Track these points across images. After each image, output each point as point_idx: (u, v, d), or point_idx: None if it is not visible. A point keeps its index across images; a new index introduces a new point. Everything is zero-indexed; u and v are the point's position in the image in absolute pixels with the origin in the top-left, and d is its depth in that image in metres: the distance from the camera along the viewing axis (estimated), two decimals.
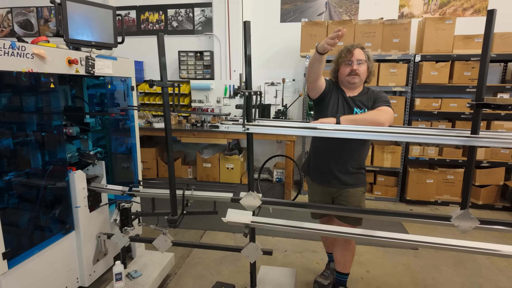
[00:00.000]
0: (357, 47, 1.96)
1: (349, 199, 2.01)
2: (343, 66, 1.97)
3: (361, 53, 1.95)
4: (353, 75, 1.94)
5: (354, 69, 1.93)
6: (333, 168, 2.00)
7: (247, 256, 1.88)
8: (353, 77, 1.95)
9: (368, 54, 1.98)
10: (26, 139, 1.89)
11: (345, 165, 1.99)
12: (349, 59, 1.94)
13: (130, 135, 2.59)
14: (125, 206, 2.01)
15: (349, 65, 1.95)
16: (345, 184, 2.00)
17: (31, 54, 1.64)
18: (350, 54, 1.93)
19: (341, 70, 1.99)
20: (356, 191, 2.02)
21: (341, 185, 2.01)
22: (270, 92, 4.44)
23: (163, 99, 1.73)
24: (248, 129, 1.60)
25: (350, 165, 1.99)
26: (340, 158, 1.98)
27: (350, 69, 1.94)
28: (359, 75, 1.94)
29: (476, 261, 2.66)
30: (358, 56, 1.93)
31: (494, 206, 3.88)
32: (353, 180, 2.01)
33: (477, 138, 1.34)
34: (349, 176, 2.00)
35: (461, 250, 1.52)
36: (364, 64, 1.95)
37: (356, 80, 1.95)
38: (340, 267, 2.15)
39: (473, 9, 4.09)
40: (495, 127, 3.75)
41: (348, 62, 1.95)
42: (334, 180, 2.01)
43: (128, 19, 4.88)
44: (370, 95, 1.98)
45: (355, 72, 1.93)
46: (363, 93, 2.00)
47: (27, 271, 1.73)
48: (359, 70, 1.94)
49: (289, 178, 4.11)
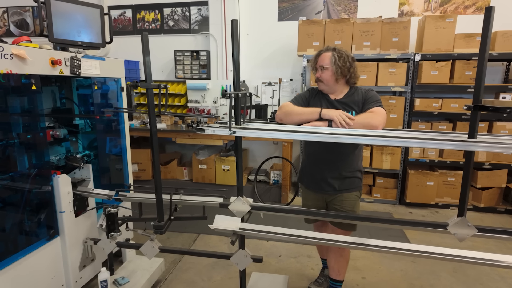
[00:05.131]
0: (326, 50, 1.88)
1: (343, 203, 1.95)
2: (313, 73, 1.94)
3: (326, 57, 1.85)
4: (318, 82, 1.91)
5: (317, 76, 1.89)
6: (327, 175, 1.94)
7: (236, 263, 1.81)
8: (319, 84, 1.91)
9: (336, 57, 1.83)
10: (8, 142, 1.84)
11: (339, 170, 1.92)
12: (315, 66, 1.91)
13: (120, 137, 2.53)
14: (111, 211, 1.95)
15: (316, 71, 1.91)
16: (339, 189, 1.94)
17: (10, 54, 1.58)
18: (316, 60, 1.90)
19: (314, 76, 1.96)
20: (350, 196, 1.96)
21: (334, 191, 1.94)
22: (267, 92, 4.37)
23: (148, 101, 1.67)
24: (234, 132, 1.53)
25: (344, 170, 1.92)
26: (333, 163, 1.92)
27: (316, 76, 1.90)
28: (323, 81, 1.88)
29: (476, 267, 2.57)
30: (321, 62, 1.87)
31: (496, 209, 3.79)
32: (347, 185, 1.94)
33: (474, 142, 1.27)
34: (343, 181, 1.93)
35: (461, 260, 1.44)
36: (328, 70, 1.84)
37: (322, 87, 1.91)
38: (334, 274, 2.07)
39: (474, 7, 3.99)
40: (497, 128, 3.65)
41: (314, 69, 1.92)
42: (328, 187, 1.95)
43: (124, 18, 4.82)
44: (358, 96, 1.88)
45: (318, 79, 1.89)
46: (349, 95, 1.90)
47: (9, 278, 1.67)
48: (322, 76, 1.87)
49: (286, 180, 4.03)
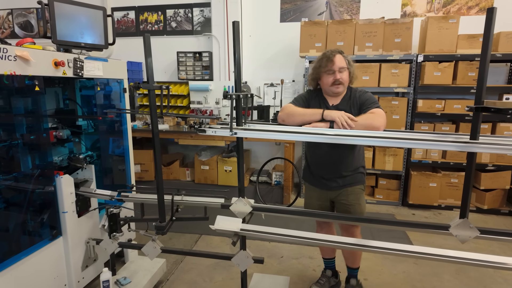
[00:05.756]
0: (337, 53, 1.87)
1: (349, 197, 2.00)
2: (325, 76, 1.88)
3: (341, 59, 1.86)
4: (337, 84, 1.86)
5: (337, 78, 1.84)
6: (331, 174, 1.98)
7: (237, 264, 1.82)
8: (337, 87, 1.87)
9: (348, 59, 1.89)
10: (12, 143, 1.85)
11: (343, 169, 1.96)
12: (330, 68, 1.84)
13: (122, 138, 2.54)
14: (113, 212, 1.96)
15: (331, 74, 1.85)
16: (343, 184, 1.99)
17: (14, 56, 1.59)
18: (331, 62, 1.84)
19: (324, 80, 1.89)
20: (354, 189, 2.01)
21: (339, 186, 2.00)
22: (269, 93, 4.37)
23: (150, 102, 1.68)
24: (236, 133, 1.54)
25: (347, 168, 1.97)
26: (337, 162, 1.96)
27: (333, 78, 1.85)
28: (342, 83, 1.86)
29: (479, 269, 2.55)
30: (339, 64, 1.84)
31: (500, 211, 3.76)
32: (351, 180, 1.99)
33: (476, 144, 1.25)
34: (347, 178, 1.98)
35: (463, 262, 1.44)
36: (346, 71, 1.87)
37: (340, 90, 1.89)
38: (350, 262, 2.20)
39: (478, 8, 3.97)
40: (501, 130, 3.63)
41: (329, 72, 1.85)
42: (333, 183, 2.00)
43: (127, 19, 4.85)
44: (354, 99, 1.90)
45: (338, 81, 1.85)
46: (345, 99, 1.93)
47: (12, 278, 1.69)
48: (342, 78, 1.85)
49: (288, 181, 4.03)
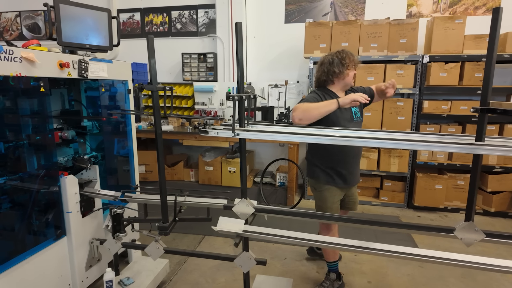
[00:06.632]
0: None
1: (354, 192, 2.30)
2: (351, 71, 2.09)
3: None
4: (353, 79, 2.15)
5: (355, 73, 2.12)
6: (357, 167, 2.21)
7: (240, 265, 1.82)
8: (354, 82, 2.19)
9: None
10: (17, 144, 1.87)
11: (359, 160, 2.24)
12: (356, 63, 2.10)
13: (127, 138, 2.55)
14: (117, 212, 1.97)
15: (353, 69, 2.10)
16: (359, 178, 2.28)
17: (20, 58, 1.61)
18: (354, 59, 2.09)
19: (350, 74, 2.09)
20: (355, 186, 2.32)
21: (357, 181, 2.24)
22: (273, 94, 4.36)
23: (153, 103, 1.69)
24: (238, 134, 1.54)
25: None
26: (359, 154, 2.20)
27: (354, 73, 2.11)
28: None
29: (486, 273, 2.51)
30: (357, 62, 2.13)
31: (507, 214, 3.70)
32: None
33: (482, 145, 1.24)
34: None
35: (469, 266, 1.41)
36: None
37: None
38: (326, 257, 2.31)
39: (485, 8, 3.92)
40: (508, 131, 3.57)
41: (354, 67, 2.10)
42: (356, 178, 2.21)
43: (132, 21, 4.89)
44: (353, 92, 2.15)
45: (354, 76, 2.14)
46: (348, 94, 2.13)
47: (16, 277, 1.70)
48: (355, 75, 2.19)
49: (292, 182, 4.02)
